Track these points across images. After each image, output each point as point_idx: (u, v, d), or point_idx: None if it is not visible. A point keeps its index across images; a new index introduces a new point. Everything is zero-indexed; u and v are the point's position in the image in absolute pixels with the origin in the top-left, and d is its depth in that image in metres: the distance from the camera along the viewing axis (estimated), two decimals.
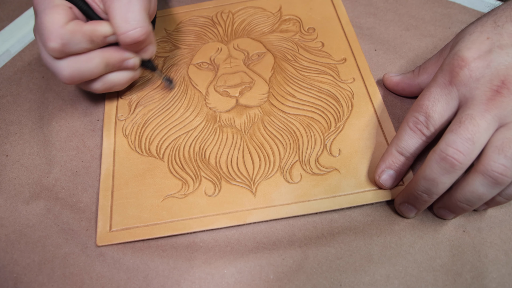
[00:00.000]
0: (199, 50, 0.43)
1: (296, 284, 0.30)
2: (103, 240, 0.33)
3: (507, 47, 0.29)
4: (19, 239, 0.33)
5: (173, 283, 0.31)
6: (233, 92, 0.39)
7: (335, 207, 0.32)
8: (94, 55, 0.33)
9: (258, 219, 0.33)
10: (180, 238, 0.32)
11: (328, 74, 0.40)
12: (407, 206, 0.31)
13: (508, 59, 0.28)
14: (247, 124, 0.37)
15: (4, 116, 0.41)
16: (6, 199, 0.35)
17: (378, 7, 0.45)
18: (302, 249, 0.31)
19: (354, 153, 0.35)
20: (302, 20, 0.44)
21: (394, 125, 0.36)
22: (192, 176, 0.35)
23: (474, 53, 0.29)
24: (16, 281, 0.31)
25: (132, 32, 0.32)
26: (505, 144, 0.26)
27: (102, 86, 0.36)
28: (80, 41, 0.32)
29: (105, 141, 0.38)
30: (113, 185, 0.35)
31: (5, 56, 0.45)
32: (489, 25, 0.30)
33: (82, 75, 0.34)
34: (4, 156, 0.38)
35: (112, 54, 0.34)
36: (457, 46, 0.31)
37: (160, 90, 0.41)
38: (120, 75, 0.36)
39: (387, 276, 0.30)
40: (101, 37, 0.33)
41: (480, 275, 0.30)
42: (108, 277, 0.31)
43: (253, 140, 0.36)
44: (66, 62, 0.33)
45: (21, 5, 0.50)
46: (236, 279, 0.30)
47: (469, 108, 0.28)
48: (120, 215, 0.34)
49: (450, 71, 0.30)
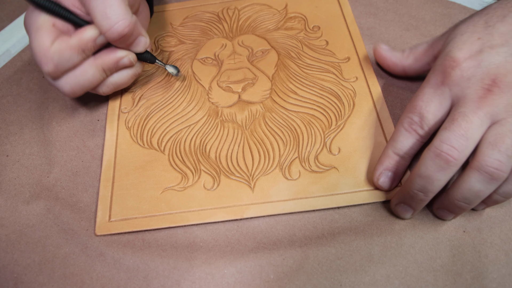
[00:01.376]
0: (204, 45, 0.44)
1: (296, 284, 0.30)
2: (102, 230, 0.33)
3: (497, 46, 0.29)
4: (19, 239, 0.33)
5: (173, 283, 0.31)
6: (235, 88, 0.39)
7: (332, 205, 0.33)
8: (88, 66, 0.34)
9: (255, 214, 0.33)
10: (180, 238, 0.32)
11: (331, 73, 0.40)
12: (403, 207, 0.31)
13: (499, 58, 0.29)
14: (248, 119, 0.38)
15: (4, 116, 0.41)
16: (6, 199, 0.35)
17: (378, 7, 0.45)
18: (302, 249, 0.31)
19: (354, 152, 0.35)
20: (307, 18, 0.45)
21: (394, 125, 0.36)
22: (191, 170, 0.35)
23: (465, 54, 0.30)
24: (16, 281, 0.31)
25: (116, 27, 0.32)
26: (498, 139, 0.27)
27: (108, 89, 0.37)
28: (71, 56, 0.33)
29: (108, 133, 0.38)
30: (114, 176, 0.36)
31: (5, 56, 0.45)
32: (480, 25, 0.31)
33: (82, 87, 0.35)
34: (4, 156, 0.38)
35: (105, 58, 0.34)
36: (448, 47, 0.31)
37: (164, 84, 0.41)
38: (121, 75, 0.37)
39: (388, 276, 0.30)
40: (90, 42, 0.33)
41: (480, 275, 0.30)
42: (108, 277, 0.31)
43: (254, 136, 0.37)
44: (64, 80, 0.34)
45: (21, 5, 0.50)
46: (236, 279, 0.30)
47: (462, 106, 0.28)
48: (119, 206, 0.34)
49: (442, 71, 0.30)
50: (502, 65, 0.29)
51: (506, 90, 0.28)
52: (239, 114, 0.38)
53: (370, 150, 0.35)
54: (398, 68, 0.38)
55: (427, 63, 0.35)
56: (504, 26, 0.30)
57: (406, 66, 0.37)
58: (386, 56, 0.38)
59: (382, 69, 0.40)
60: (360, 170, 0.34)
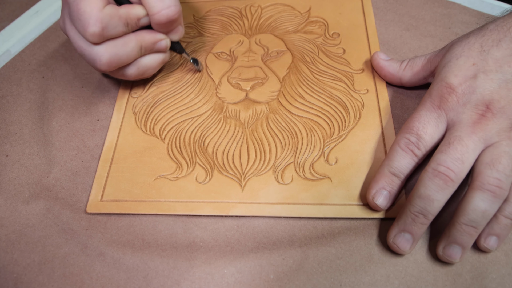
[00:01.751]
0: (221, 40, 0.44)
1: (296, 284, 0.30)
2: (92, 208, 0.34)
3: (491, 72, 0.31)
4: (19, 239, 0.33)
5: (173, 283, 0.31)
6: (244, 86, 0.39)
7: (319, 215, 0.32)
8: (130, 38, 0.35)
9: (241, 213, 0.33)
10: (180, 238, 0.32)
11: (343, 82, 0.39)
12: (403, 236, 0.30)
13: (493, 84, 0.30)
14: (251, 118, 0.38)
15: (4, 116, 0.41)
16: (6, 199, 0.35)
17: (378, 7, 0.45)
18: (302, 249, 0.31)
19: (351, 164, 0.34)
20: (328, 24, 0.44)
21: None
22: (187, 161, 0.36)
23: (461, 80, 0.31)
24: (16, 281, 0.31)
25: (167, 11, 0.34)
26: (494, 160, 0.28)
27: (136, 71, 0.37)
28: (117, 25, 0.33)
29: (115, 115, 0.39)
30: (113, 157, 0.37)
31: (5, 56, 0.45)
32: (475, 49, 0.32)
33: (119, 60, 0.35)
34: (4, 156, 0.38)
35: (145, 36, 0.35)
36: (444, 71, 0.33)
37: (176, 74, 0.42)
38: (152, 58, 0.37)
39: (387, 276, 0.30)
40: (135, 19, 0.34)
41: (480, 276, 0.30)
42: (108, 277, 0.31)
43: (253, 136, 0.37)
44: (104, 47, 0.34)
45: (22, 5, 0.50)
46: (236, 279, 0.30)
47: (457, 130, 0.30)
48: (113, 187, 0.35)
49: (438, 96, 0.32)
50: (495, 91, 0.30)
51: (498, 115, 0.29)
52: (243, 112, 0.38)
53: (368, 165, 0.34)
54: (394, 79, 0.38)
55: (424, 77, 0.36)
56: (498, 51, 0.31)
57: (402, 78, 0.37)
58: (384, 66, 0.38)
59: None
60: (353, 184, 0.33)
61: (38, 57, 0.45)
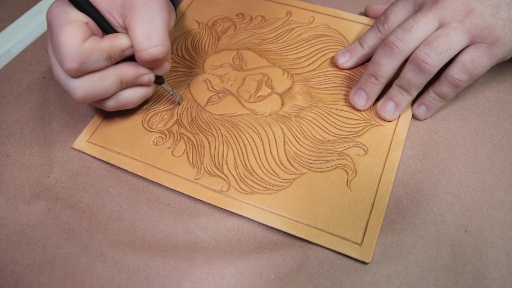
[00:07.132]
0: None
1: (297, 284, 0.30)
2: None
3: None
4: (19, 239, 0.33)
5: (174, 283, 0.30)
6: (263, 92, 0.40)
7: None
8: (109, 73, 0.32)
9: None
10: (180, 239, 0.32)
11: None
12: (359, 94, 0.37)
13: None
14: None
15: (5, 116, 0.41)
16: (6, 199, 0.35)
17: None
18: (302, 249, 0.31)
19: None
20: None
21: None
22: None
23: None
24: (16, 281, 0.31)
25: (153, 50, 0.31)
26: (433, 38, 0.33)
27: (115, 104, 0.35)
28: (98, 59, 0.31)
29: None
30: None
31: (6, 57, 0.45)
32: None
33: (96, 95, 0.32)
34: (5, 156, 0.38)
35: (127, 70, 0.33)
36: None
37: None
38: (133, 92, 0.35)
39: (388, 276, 0.30)
40: (119, 51, 0.32)
41: (481, 275, 0.29)
42: (108, 277, 0.31)
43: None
44: (80, 81, 0.31)
45: (22, 5, 0.50)
46: (237, 279, 0.30)
47: (419, 11, 0.35)
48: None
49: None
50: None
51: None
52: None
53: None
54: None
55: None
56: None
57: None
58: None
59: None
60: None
61: (39, 58, 0.45)
